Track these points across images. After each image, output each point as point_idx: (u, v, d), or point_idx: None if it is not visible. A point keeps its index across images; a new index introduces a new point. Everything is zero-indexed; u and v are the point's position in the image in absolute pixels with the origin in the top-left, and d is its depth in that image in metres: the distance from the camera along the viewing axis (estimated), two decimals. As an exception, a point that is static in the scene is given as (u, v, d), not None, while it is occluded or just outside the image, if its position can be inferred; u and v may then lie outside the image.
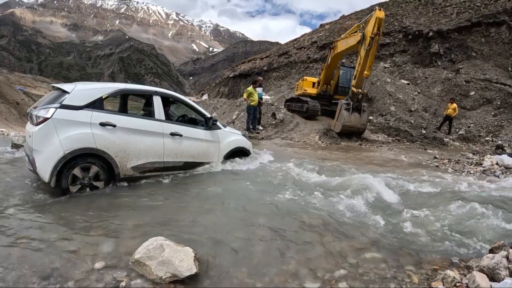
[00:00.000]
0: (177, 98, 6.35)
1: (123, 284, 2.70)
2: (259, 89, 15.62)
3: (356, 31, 15.84)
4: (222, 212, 4.47)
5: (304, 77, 22.60)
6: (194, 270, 2.80)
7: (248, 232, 3.87)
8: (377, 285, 2.93)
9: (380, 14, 13.52)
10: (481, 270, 2.81)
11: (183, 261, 2.82)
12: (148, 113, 5.80)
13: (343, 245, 3.66)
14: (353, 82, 15.02)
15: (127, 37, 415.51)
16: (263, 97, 17.02)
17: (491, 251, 3.27)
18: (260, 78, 16.55)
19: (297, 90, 22.56)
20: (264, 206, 4.67)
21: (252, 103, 14.18)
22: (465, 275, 2.95)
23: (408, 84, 23.99)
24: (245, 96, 14.38)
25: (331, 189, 5.51)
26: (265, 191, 5.32)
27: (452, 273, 2.87)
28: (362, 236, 3.89)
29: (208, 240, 3.54)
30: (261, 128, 15.77)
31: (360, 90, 14.71)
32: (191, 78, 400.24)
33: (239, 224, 4.08)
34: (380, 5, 43.01)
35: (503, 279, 2.61)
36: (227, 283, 2.86)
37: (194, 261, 2.86)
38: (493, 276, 2.70)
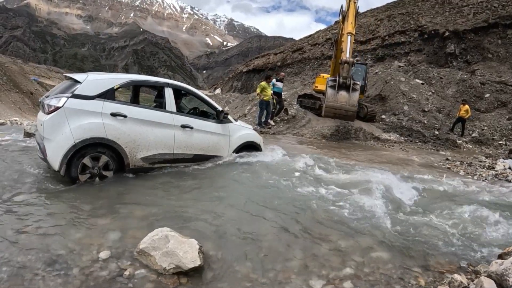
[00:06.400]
0: (189, 90, 6.35)
1: (126, 273, 2.71)
2: (280, 84, 15.70)
3: None
4: (229, 205, 4.46)
5: (321, 74, 22.39)
6: (198, 262, 2.80)
7: (254, 226, 3.86)
8: (383, 286, 2.90)
9: None
10: (489, 276, 2.74)
11: (188, 253, 2.82)
12: (160, 105, 5.81)
13: (349, 243, 3.62)
14: (342, 55, 13.41)
15: (141, 29, 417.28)
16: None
17: (500, 256, 3.20)
18: (283, 74, 16.66)
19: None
20: (271, 201, 4.65)
21: (264, 98, 14.17)
22: (472, 280, 2.89)
23: (422, 84, 23.69)
24: (258, 90, 14.36)
25: (339, 186, 5.46)
26: (273, 186, 5.30)
27: (459, 278, 2.82)
28: (370, 235, 3.85)
29: (213, 233, 3.54)
30: (273, 123, 15.75)
31: (345, 58, 12.77)
32: (204, 72, 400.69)
33: (246, 218, 4.07)
34: (396, 3, 42.58)
35: (511, 286, 2.55)
36: (230, 276, 2.86)
37: (198, 253, 2.86)
38: (501, 283, 2.63)
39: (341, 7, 15.50)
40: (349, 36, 13.32)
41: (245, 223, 3.95)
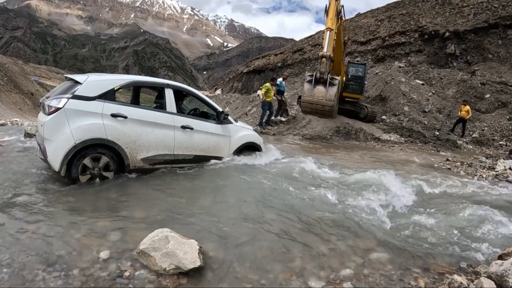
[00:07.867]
0: (189, 91, 6.36)
1: (127, 274, 2.71)
2: (284, 84, 15.91)
3: None
4: (229, 206, 4.47)
5: None
6: (198, 263, 2.80)
7: (255, 227, 3.86)
8: (382, 287, 2.90)
9: None
10: (489, 277, 2.74)
11: (187, 254, 2.82)
12: (160, 106, 5.82)
13: (349, 244, 3.62)
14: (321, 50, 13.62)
15: (142, 30, 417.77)
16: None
17: (500, 257, 3.20)
18: (286, 74, 16.77)
19: None
20: (271, 202, 4.66)
21: (267, 99, 14.21)
22: (472, 281, 2.89)
23: (422, 84, 23.71)
24: (263, 91, 14.32)
25: (340, 187, 5.48)
26: (273, 186, 5.30)
27: (459, 278, 2.82)
28: (370, 236, 3.85)
29: (213, 234, 3.55)
30: (276, 120, 15.79)
31: (322, 52, 12.92)
32: (205, 72, 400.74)
33: (246, 219, 4.07)
34: (397, 3, 42.53)
35: (511, 287, 2.55)
36: (230, 277, 2.86)
37: (198, 254, 2.86)
38: (501, 283, 2.63)
39: (326, 6, 15.61)
40: (328, 32, 13.43)
41: (245, 223, 3.95)
